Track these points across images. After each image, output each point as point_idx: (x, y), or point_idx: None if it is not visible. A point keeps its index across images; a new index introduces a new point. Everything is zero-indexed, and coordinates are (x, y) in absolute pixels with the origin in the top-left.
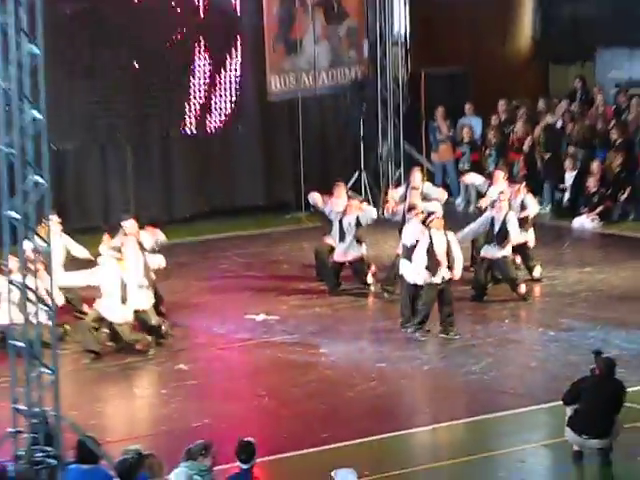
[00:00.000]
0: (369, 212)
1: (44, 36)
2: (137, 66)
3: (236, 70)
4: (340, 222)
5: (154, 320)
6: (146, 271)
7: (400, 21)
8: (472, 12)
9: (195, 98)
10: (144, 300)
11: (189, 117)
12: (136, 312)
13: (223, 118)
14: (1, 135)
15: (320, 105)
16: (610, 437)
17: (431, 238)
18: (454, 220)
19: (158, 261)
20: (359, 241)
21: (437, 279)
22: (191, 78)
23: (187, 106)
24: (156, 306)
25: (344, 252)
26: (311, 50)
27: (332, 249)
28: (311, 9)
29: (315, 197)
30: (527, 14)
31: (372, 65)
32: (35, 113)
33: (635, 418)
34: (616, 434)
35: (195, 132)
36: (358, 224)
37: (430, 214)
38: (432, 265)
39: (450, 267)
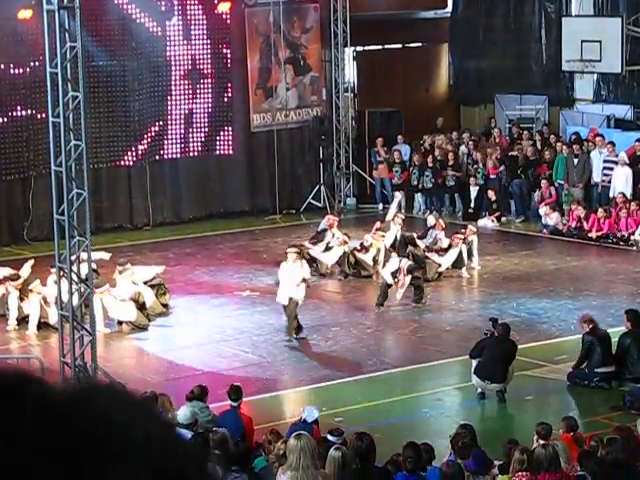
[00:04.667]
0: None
1: (85, 82)
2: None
3: (229, 109)
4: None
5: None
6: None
7: (349, 73)
8: (403, 66)
9: (197, 130)
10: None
11: (193, 144)
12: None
13: (218, 145)
14: (52, 158)
15: (290, 135)
16: (505, 382)
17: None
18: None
19: (100, 255)
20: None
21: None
22: (194, 114)
23: (191, 136)
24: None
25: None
26: (283, 94)
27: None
28: (283, 64)
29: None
30: (444, 67)
31: (329, 106)
32: (77, 142)
33: (523, 367)
34: (509, 380)
35: (196, 155)
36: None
37: None
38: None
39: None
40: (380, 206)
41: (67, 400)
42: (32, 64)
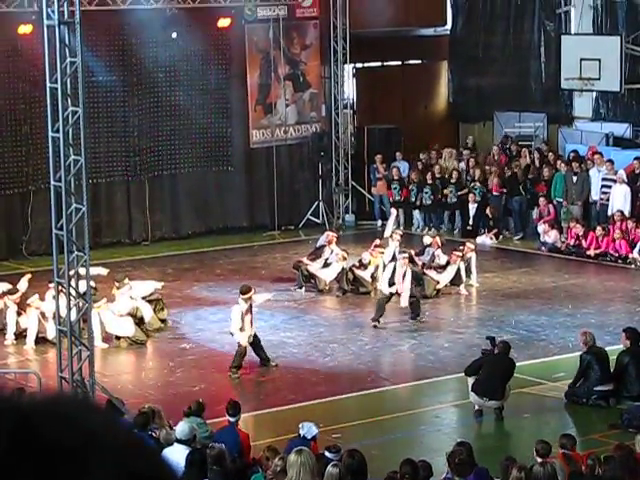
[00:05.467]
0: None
1: (84, 97)
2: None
3: (228, 124)
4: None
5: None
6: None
7: (349, 89)
8: (402, 83)
9: (196, 146)
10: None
11: (192, 159)
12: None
13: (217, 160)
14: (52, 173)
15: (289, 151)
16: (503, 399)
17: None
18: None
19: (98, 271)
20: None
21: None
22: (193, 129)
23: (190, 151)
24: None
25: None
26: (283, 111)
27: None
28: (283, 80)
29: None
30: (443, 85)
31: (328, 122)
32: (76, 157)
33: (521, 385)
34: (507, 397)
35: (195, 170)
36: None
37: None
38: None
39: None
40: (379, 223)
41: (35, 411)
42: (32, 79)
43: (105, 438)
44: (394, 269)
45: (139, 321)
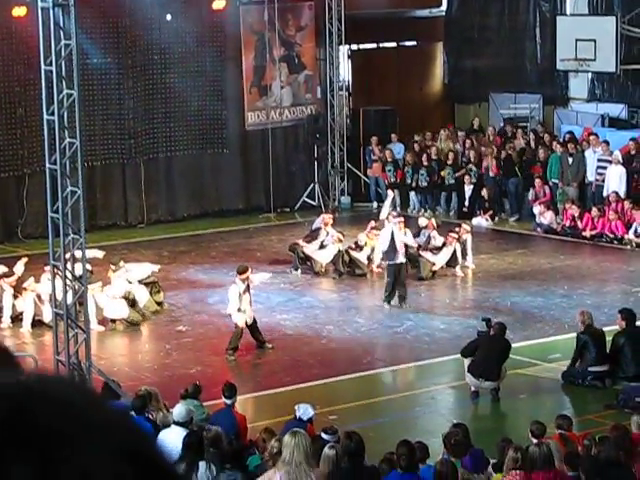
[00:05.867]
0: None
1: (79, 80)
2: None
3: (223, 107)
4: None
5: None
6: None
7: (344, 71)
8: (397, 64)
9: (191, 128)
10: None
11: (188, 142)
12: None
13: (213, 143)
14: (47, 156)
15: (285, 134)
16: (499, 380)
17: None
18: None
19: (93, 253)
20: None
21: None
22: (188, 112)
23: (186, 134)
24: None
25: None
26: (278, 93)
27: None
28: (278, 62)
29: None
30: (439, 66)
31: (323, 104)
32: (72, 140)
33: (516, 366)
34: (503, 378)
35: (191, 152)
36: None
37: None
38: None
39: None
40: (375, 205)
41: (29, 396)
42: (26, 61)
43: (96, 417)
44: (392, 236)
45: (132, 303)
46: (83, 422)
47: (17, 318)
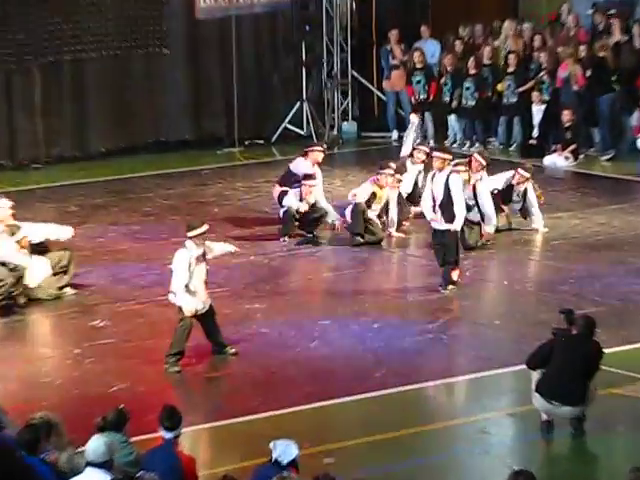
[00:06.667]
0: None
1: None
2: None
3: None
4: None
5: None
6: None
7: None
8: None
9: (113, 18)
10: None
11: (108, 38)
12: None
13: (146, 40)
14: None
15: (256, 26)
16: (584, 404)
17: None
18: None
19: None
20: None
21: None
22: None
23: (105, 26)
24: None
25: None
26: None
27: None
28: None
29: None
30: None
31: None
32: None
33: (611, 383)
34: (590, 401)
35: (112, 53)
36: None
37: None
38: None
39: None
40: (394, 134)
41: None
42: None
43: None
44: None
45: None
46: None
47: None
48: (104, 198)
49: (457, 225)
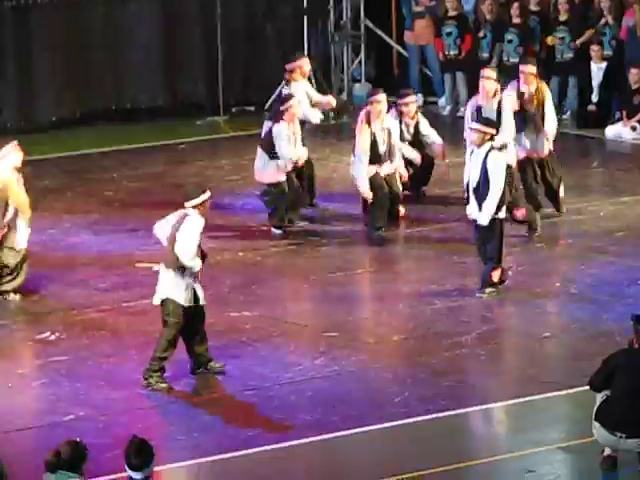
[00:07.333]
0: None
1: None
2: None
3: None
4: None
5: None
6: None
7: None
8: None
9: None
10: None
11: None
12: None
13: None
14: None
15: None
16: None
17: None
18: (440, 126)
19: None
20: None
21: None
22: None
23: None
24: None
25: None
26: None
27: None
28: None
29: None
30: None
31: None
32: None
33: None
34: None
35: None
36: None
37: None
38: None
39: None
40: (419, 98)
41: None
42: None
43: None
44: None
45: None
46: None
47: None
48: (56, 180)
49: (484, 218)
